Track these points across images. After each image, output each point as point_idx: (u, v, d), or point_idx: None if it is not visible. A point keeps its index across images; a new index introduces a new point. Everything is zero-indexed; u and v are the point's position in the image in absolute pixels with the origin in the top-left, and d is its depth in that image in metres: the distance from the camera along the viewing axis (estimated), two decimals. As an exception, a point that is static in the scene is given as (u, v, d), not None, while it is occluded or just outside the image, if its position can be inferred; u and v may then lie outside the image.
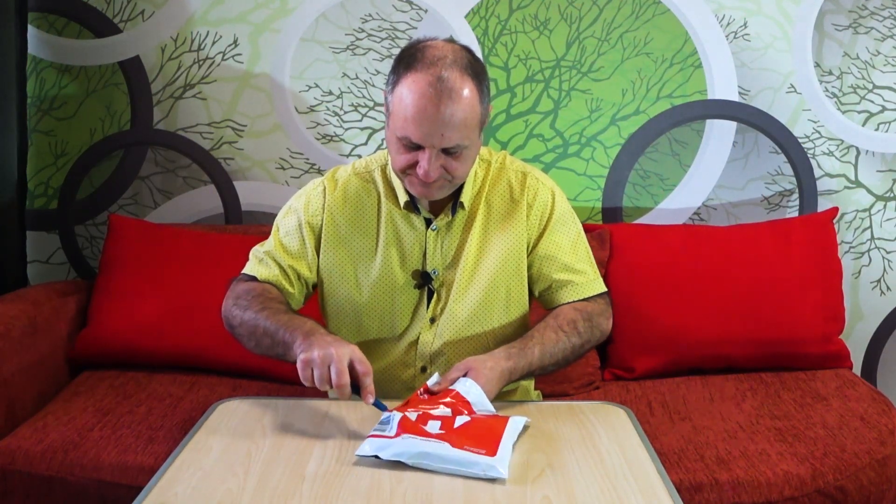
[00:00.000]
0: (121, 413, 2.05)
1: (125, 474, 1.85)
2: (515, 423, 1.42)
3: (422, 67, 1.52)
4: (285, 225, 1.75)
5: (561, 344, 1.62)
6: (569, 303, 1.71)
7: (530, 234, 1.72)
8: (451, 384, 1.48)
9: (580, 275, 1.72)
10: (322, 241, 1.72)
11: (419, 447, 1.32)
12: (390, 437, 1.35)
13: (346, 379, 1.41)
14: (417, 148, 1.55)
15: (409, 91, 1.52)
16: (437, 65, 1.51)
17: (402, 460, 1.32)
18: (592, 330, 1.68)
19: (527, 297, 1.76)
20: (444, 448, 1.32)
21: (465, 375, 1.49)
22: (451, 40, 1.60)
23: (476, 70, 1.56)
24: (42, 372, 2.20)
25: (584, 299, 1.71)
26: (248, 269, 1.74)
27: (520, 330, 1.72)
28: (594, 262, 1.77)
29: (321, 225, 1.72)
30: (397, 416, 1.40)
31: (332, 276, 1.73)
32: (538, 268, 1.72)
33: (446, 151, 1.54)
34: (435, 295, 1.71)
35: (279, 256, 1.72)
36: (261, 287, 1.68)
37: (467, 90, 1.52)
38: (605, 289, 1.75)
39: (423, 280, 1.71)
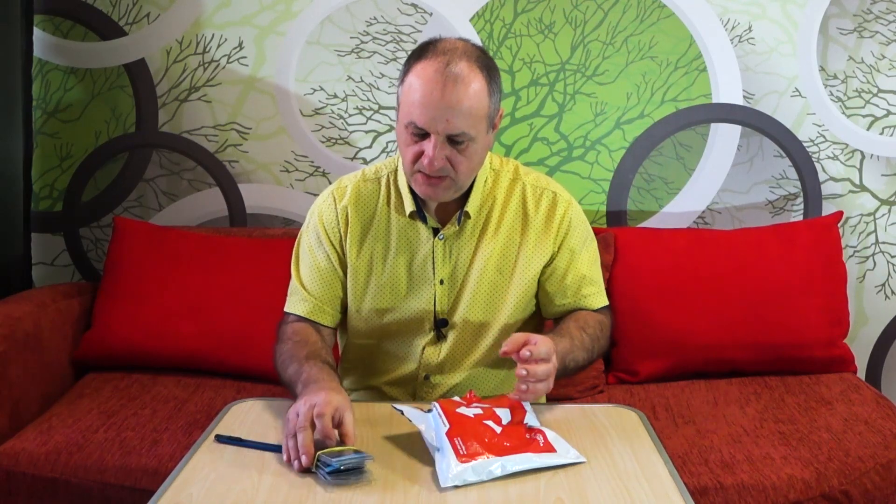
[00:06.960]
0: (125, 415, 2.05)
1: (129, 476, 1.85)
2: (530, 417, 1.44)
3: (431, 57, 1.53)
4: (305, 246, 1.73)
5: (586, 339, 1.62)
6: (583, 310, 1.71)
7: (552, 248, 1.69)
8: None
9: (594, 286, 1.72)
10: (346, 247, 1.69)
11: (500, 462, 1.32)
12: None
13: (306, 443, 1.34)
14: (424, 137, 1.54)
15: (416, 78, 1.52)
16: (448, 54, 1.52)
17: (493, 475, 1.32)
18: (602, 338, 1.69)
19: (535, 309, 1.74)
20: (526, 457, 1.34)
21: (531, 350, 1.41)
22: (464, 39, 1.60)
23: (486, 64, 1.56)
24: (47, 374, 2.20)
25: (595, 310, 1.72)
26: (288, 306, 1.72)
27: None
28: (601, 272, 1.78)
29: (341, 234, 1.70)
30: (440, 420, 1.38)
31: (350, 279, 1.70)
32: (557, 282, 1.69)
33: (452, 141, 1.53)
34: (439, 304, 1.69)
35: (308, 286, 1.70)
36: (291, 335, 1.65)
37: (475, 79, 1.52)
38: (608, 302, 1.76)
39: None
